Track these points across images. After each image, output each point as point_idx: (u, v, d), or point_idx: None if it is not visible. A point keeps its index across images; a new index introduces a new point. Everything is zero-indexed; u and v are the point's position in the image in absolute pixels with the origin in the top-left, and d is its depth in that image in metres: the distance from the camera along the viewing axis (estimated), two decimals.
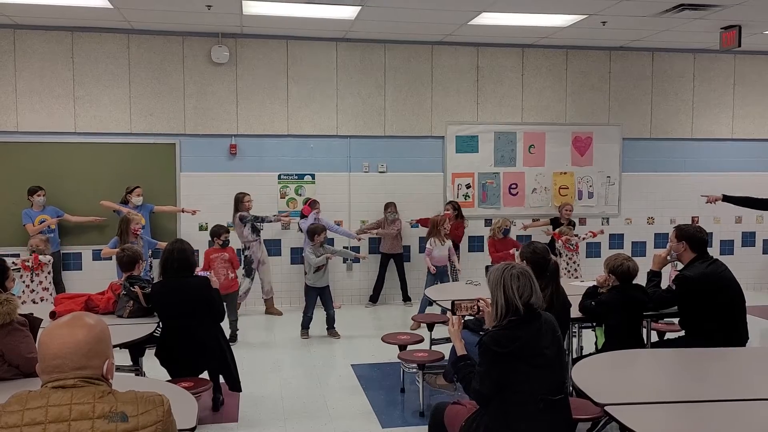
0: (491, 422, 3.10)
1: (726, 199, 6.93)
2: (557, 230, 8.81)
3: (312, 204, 8.48)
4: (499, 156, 9.53)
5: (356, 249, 9.05)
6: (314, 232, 7.36)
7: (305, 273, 7.49)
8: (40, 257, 6.97)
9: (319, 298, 7.41)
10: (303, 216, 8.50)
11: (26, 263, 6.89)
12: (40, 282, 6.97)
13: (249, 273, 8.22)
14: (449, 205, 8.88)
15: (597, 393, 3.22)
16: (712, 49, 9.54)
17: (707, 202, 7.17)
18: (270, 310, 8.61)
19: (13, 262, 6.56)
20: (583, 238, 8.81)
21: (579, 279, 7.67)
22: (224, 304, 7.05)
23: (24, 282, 6.84)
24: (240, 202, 8.17)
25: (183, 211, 8.53)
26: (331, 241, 8.56)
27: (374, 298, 9.11)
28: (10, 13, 7.76)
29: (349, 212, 9.16)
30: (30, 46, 8.32)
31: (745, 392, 3.36)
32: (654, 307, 4.78)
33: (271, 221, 8.32)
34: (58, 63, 8.39)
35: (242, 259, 8.17)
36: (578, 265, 8.56)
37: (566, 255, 8.52)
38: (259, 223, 8.14)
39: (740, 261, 9.73)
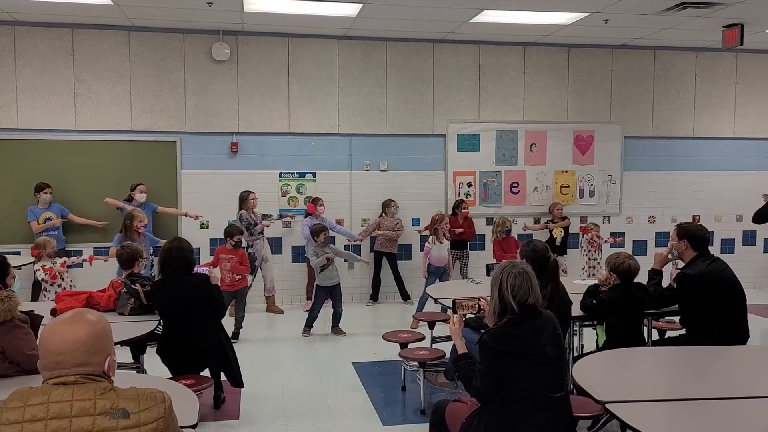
0: (492, 420, 3.10)
1: None
2: (584, 225, 8.91)
3: (315, 201, 8.51)
4: (500, 154, 9.52)
5: (357, 248, 9.07)
6: (315, 233, 7.37)
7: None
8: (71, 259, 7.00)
9: (330, 295, 7.42)
10: (308, 214, 8.54)
11: (50, 267, 6.80)
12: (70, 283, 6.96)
13: (252, 270, 8.23)
14: (465, 204, 8.94)
15: (598, 391, 3.21)
16: (714, 48, 9.53)
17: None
18: (271, 308, 8.61)
19: (40, 271, 6.58)
20: (606, 241, 8.84)
21: (580, 278, 7.67)
22: (234, 299, 7.09)
23: (48, 290, 6.79)
24: (244, 200, 8.18)
25: (186, 215, 8.52)
26: (333, 240, 8.55)
27: (374, 296, 9.11)
28: (10, 10, 7.76)
29: (350, 210, 9.16)
30: (30, 43, 8.32)
31: (745, 390, 3.36)
32: (655, 306, 4.78)
33: (260, 233, 8.26)
34: (58, 60, 8.38)
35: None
36: (597, 262, 8.59)
37: (589, 251, 8.61)
38: (252, 227, 8.13)
39: (741, 259, 9.74)
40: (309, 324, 7.42)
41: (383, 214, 8.93)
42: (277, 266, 8.84)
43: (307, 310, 8.58)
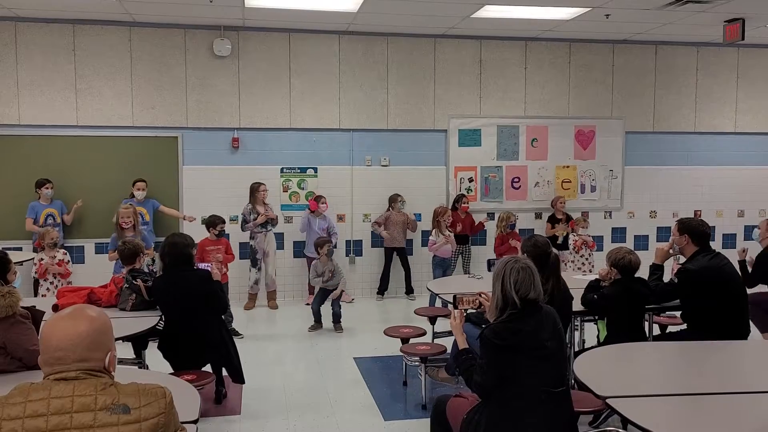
0: (493, 415, 3.10)
1: None
2: (573, 219, 8.86)
3: (317, 198, 8.55)
4: (501, 149, 9.51)
5: (359, 243, 9.09)
6: (319, 245, 7.41)
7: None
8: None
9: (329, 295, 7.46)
10: (312, 211, 8.60)
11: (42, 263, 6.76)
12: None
13: (254, 263, 8.29)
14: (465, 199, 8.95)
15: (599, 385, 3.22)
16: (715, 43, 9.51)
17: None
18: (270, 303, 8.60)
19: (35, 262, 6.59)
20: (584, 244, 8.67)
21: (582, 272, 7.67)
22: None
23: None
24: (254, 192, 8.21)
25: (184, 218, 8.46)
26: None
27: (382, 291, 9.12)
28: (11, 6, 7.75)
29: (352, 206, 9.16)
30: (31, 39, 8.31)
31: (746, 385, 3.37)
32: (656, 301, 4.78)
33: (264, 227, 8.29)
34: (59, 56, 8.37)
35: (249, 249, 8.41)
36: (587, 259, 8.57)
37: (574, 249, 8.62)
38: (245, 224, 8.22)
39: None
40: (316, 319, 7.45)
41: (390, 209, 8.94)
42: (279, 261, 8.83)
43: (307, 304, 8.63)
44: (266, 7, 7.76)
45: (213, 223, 7.27)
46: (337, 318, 7.43)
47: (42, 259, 6.83)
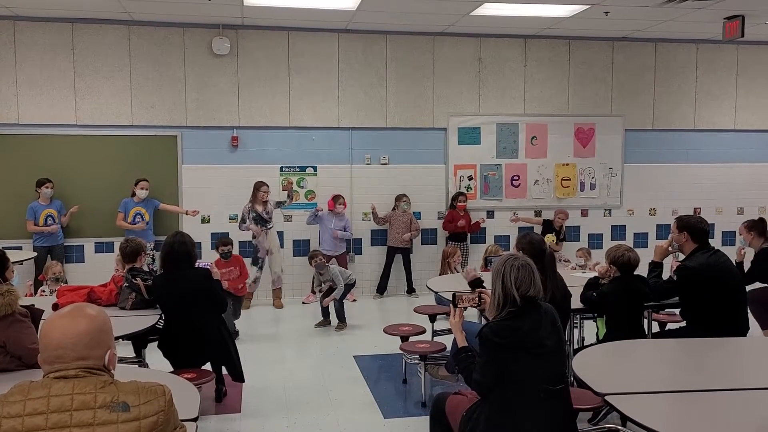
0: (492, 412, 3.10)
1: None
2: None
3: (335, 198, 8.65)
4: (501, 147, 9.51)
5: (358, 242, 9.09)
6: (309, 258, 7.48)
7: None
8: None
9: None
10: (330, 210, 8.68)
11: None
12: None
13: (255, 262, 8.30)
14: (463, 197, 8.95)
15: (598, 383, 3.23)
16: (715, 40, 9.49)
17: None
18: (275, 302, 8.58)
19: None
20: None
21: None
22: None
23: None
24: (255, 191, 8.23)
25: (186, 213, 8.51)
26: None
27: (381, 290, 9.13)
28: (10, 5, 7.74)
29: (351, 204, 9.14)
30: (30, 37, 8.31)
31: (745, 382, 3.37)
32: (655, 298, 4.78)
33: (264, 226, 8.31)
34: (58, 55, 8.37)
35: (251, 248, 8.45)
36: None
37: None
38: (243, 223, 8.27)
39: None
40: (324, 315, 7.51)
41: (395, 209, 9.00)
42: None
43: (304, 302, 8.64)
44: (265, 6, 7.75)
45: (216, 245, 7.38)
46: (338, 315, 7.44)
47: (44, 292, 6.67)
